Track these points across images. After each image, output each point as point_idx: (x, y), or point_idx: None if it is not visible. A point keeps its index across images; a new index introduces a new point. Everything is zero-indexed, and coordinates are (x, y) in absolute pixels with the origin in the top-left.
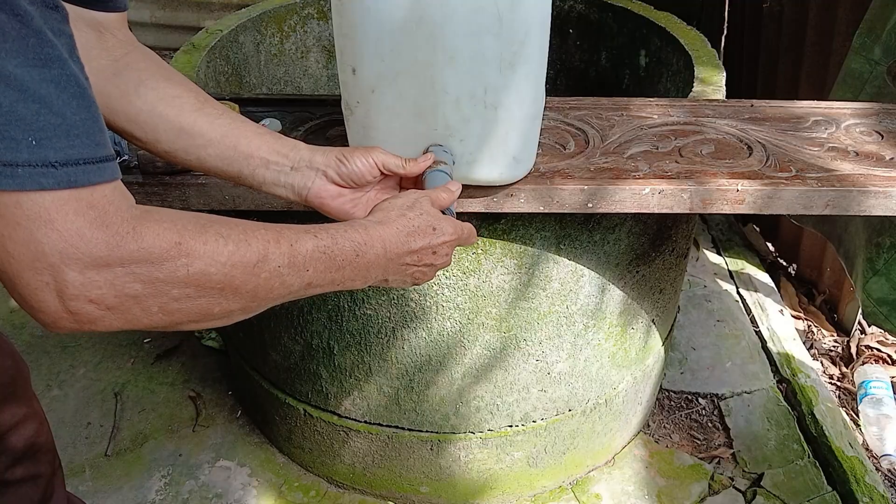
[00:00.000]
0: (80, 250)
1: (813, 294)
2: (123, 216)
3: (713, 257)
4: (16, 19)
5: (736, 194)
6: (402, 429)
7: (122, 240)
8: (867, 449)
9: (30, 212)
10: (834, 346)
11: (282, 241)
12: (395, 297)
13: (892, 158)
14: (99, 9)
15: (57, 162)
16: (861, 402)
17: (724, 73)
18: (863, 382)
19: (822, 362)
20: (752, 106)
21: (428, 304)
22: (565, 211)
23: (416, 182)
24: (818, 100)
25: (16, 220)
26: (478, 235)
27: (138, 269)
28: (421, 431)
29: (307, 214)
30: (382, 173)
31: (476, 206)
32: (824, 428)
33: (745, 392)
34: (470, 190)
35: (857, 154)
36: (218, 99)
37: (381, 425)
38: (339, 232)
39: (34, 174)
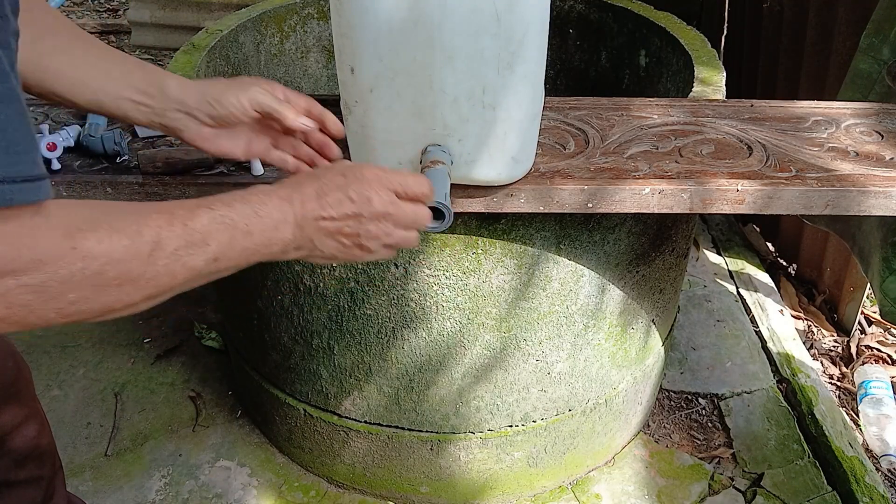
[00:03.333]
0: None
1: (813, 294)
2: (26, 227)
3: (713, 257)
4: None
5: (736, 194)
6: (402, 429)
7: (18, 252)
8: (867, 449)
9: None
10: (834, 346)
11: (175, 222)
12: (395, 297)
13: (892, 158)
14: None
15: (2, 179)
16: (861, 402)
17: (724, 73)
18: (863, 382)
19: (822, 362)
20: (752, 106)
21: (428, 304)
22: (565, 211)
23: (308, 139)
24: (818, 100)
25: None
26: (478, 235)
27: (31, 279)
28: (421, 431)
29: None
30: (260, 114)
31: (476, 206)
32: (824, 428)
33: (745, 392)
34: (469, 190)
35: (857, 154)
36: None
37: (381, 425)
38: (237, 198)
39: None
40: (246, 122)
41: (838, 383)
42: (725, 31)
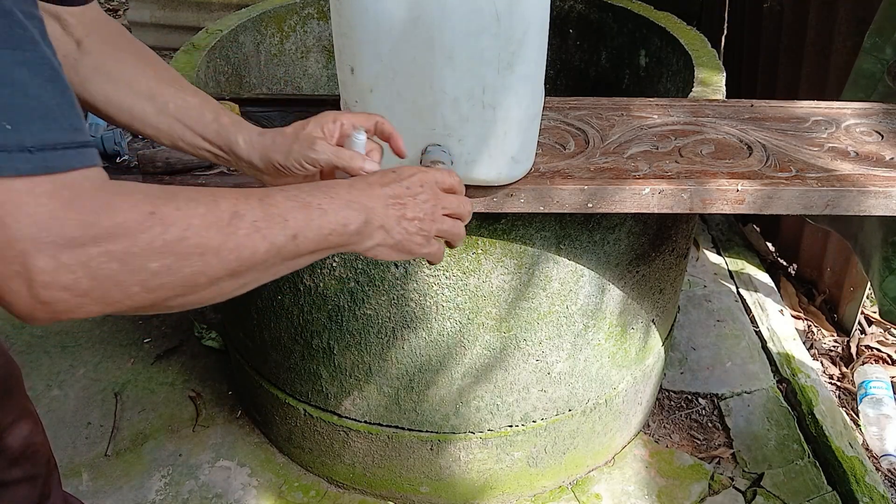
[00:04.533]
0: (53, 233)
1: (813, 294)
2: (97, 192)
3: (713, 257)
4: None
5: (736, 194)
6: (402, 429)
7: (97, 217)
8: (867, 449)
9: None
10: (834, 346)
11: (251, 197)
12: (395, 297)
13: (892, 158)
14: (65, 4)
15: (33, 146)
16: (861, 402)
17: (724, 74)
18: (863, 382)
19: (822, 362)
20: (752, 106)
21: (428, 304)
22: (565, 211)
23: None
24: (818, 100)
25: None
26: (478, 235)
27: (113, 245)
28: (421, 431)
29: None
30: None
31: (476, 206)
32: (824, 428)
33: (745, 392)
34: (470, 190)
35: (857, 154)
36: (218, 99)
37: (382, 425)
38: (305, 184)
39: (11, 159)
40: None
41: (838, 383)
42: (725, 31)
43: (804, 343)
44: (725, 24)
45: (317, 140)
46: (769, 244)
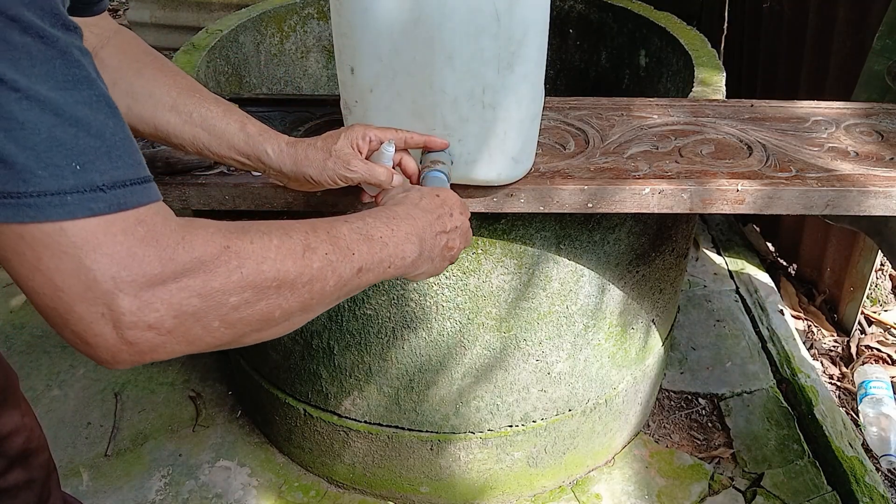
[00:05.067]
0: (134, 271)
1: (813, 294)
2: (171, 227)
3: (713, 257)
4: (41, 42)
5: (736, 194)
6: (402, 429)
7: (174, 252)
8: (867, 449)
9: (76, 238)
10: (834, 346)
11: (318, 229)
12: (395, 297)
13: (892, 158)
14: (79, 15)
15: (104, 185)
16: (861, 402)
17: (724, 74)
18: (863, 382)
19: (822, 362)
20: (752, 106)
21: (428, 304)
22: (565, 211)
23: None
24: (818, 100)
25: (61, 249)
26: (478, 235)
27: (193, 281)
28: (421, 431)
29: (307, 215)
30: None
31: (476, 206)
32: (824, 428)
33: (745, 392)
34: (470, 190)
35: (857, 154)
36: None
37: (382, 425)
38: (366, 214)
39: (84, 200)
40: None
41: (838, 383)
42: (725, 31)
43: (804, 343)
44: (725, 24)
45: (351, 159)
46: (769, 244)
